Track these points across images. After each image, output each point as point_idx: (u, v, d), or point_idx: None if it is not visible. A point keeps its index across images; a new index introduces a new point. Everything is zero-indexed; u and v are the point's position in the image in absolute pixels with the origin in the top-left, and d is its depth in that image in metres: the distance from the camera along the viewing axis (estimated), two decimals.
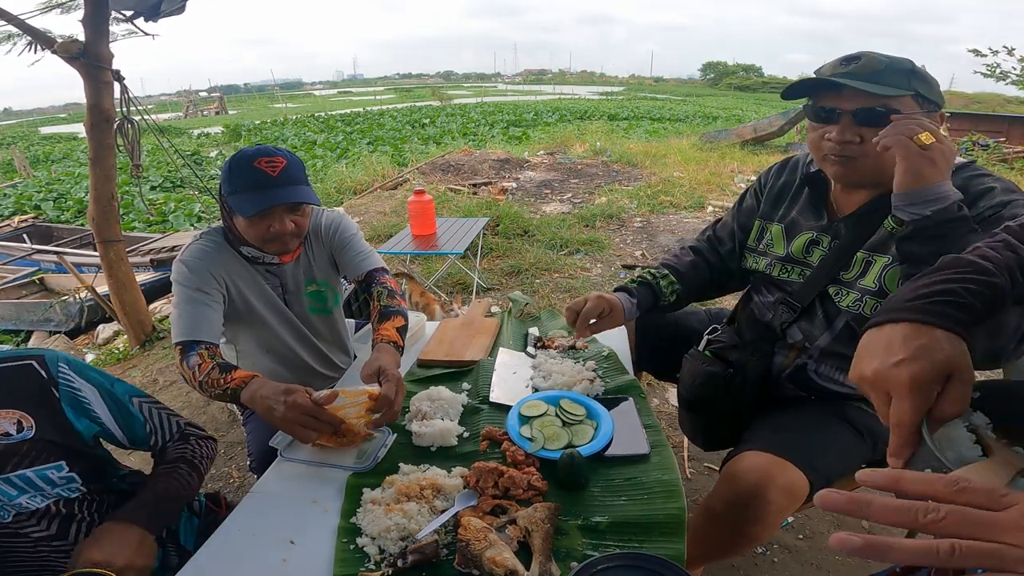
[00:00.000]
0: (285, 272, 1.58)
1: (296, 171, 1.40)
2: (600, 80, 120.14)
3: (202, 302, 1.39)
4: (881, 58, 1.10)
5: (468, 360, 1.51)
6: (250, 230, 1.41)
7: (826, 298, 1.27)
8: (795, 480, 1.09)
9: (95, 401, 1.08)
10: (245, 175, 1.36)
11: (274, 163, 1.36)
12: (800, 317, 1.32)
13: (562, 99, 37.97)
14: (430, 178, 7.89)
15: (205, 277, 1.42)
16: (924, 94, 1.10)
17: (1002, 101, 20.67)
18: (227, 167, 1.39)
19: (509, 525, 0.94)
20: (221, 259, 1.47)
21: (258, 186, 1.35)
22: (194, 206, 8.60)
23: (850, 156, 1.14)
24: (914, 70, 1.09)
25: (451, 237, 3.82)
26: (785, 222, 1.36)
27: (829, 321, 1.28)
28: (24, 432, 0.98)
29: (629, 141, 11.71)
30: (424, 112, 26.28)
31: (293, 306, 1.61)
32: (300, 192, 1.39)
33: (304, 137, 17.65)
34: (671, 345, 1.57)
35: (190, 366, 1.28)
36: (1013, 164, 8.21)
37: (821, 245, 1.28)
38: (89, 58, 2.99)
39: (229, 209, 1.43)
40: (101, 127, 3.13)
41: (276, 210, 1.38)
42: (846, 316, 1.24)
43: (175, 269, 1.44)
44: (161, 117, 29.92)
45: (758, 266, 1.40)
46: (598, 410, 1.24)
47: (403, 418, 1.29)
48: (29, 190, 10.90)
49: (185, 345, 1.33)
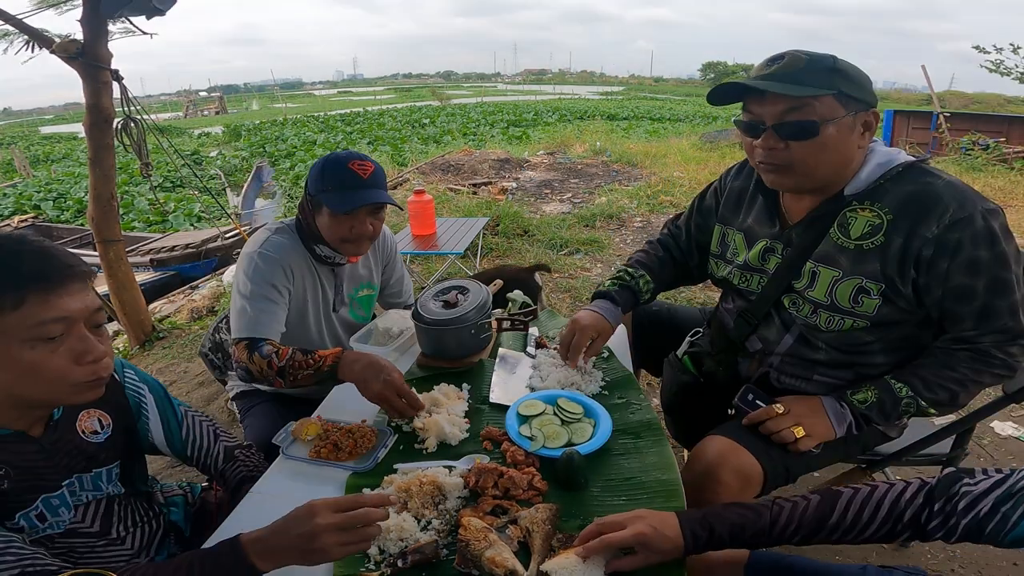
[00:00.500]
0: (344, 271, 1.66)
1: (382, 177, 1.50)
2: (600, 80, 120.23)
3: (271, 299, 1.45)
4: (803, 56, 1.07)
5: (468, 360, 1.51)
6: (333, 228, 1.47)
7: (781, 307, 1.27)
8: (747, 464, 1.14)
9: (151, 407, 1.14)
10: (339, 174, 1.44)
11: (365, 167, 1.45)
12: (759, 327, 1.33)
13: (562, 99, 37.97)
14: (430, 178, 7.89)
15: (278, 273, 1.48)
16: (848, 92, 1.06)
17: (1002, 101, 20.69)
18: (320, 166, 1.47)
19: (510, 525, 0.94)
20: (294, 254, 1.53)
21: (350, 186, 1.44)
22: (194, 206, 8.59)
23: (780, 164, 1.13)
24: (835, 67, 1.07)
25: (451, 237, 3.82)
26: (744, 229, 1.35)
27: (786, 329, 1.28)
28: (105, 431, 1.04)
29: (629, 141, 11.72)
30: (424, 112, 26.29)
31: (339, 308, 1.68)
32: (385, 195, 1.48)
33: (304, 137, 17.65)
34: (666, 343, 1.57)
35: (264, 355, 1.35)
36: (1013, 164, 8.21)
37: (776, 253, 1.27)
38: (88, 58, 2.98)
39: (312, 207, 1.50)
40: (100, 127, 3.12)
41: (361, 211, 1.45)
42: (799, 325, 1.25)
43: (246, 260, 1.48)
44: (161, 117, 29.95)
45: (723, 273, 1.39)
46: (596, 408, 1.24)
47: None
48: (29, 190, 10.90)
49: (251, 341, 1.40)
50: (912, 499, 0.80)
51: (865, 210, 1.13)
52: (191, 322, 3.94)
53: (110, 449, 1.03)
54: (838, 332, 1.19)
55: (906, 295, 1.11)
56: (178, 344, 3.57)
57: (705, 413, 1.38)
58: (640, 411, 1.26)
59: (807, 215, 1.21)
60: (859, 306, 1.14)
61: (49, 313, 0.80)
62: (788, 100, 1.07)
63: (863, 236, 1.12)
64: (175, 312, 4.08)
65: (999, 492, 0.74)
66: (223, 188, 8.92)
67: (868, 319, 1.15)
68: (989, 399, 1.34)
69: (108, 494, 1.04)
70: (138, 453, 1.13)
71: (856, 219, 1.13)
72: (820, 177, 1.14)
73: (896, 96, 50.32)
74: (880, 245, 1.10)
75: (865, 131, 1.11)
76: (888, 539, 0.83)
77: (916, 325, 1.17)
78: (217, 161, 13.59)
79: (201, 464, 1.22)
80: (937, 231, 1.05)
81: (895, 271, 1.10)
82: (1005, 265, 1.05)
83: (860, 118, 1.09)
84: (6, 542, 0.80)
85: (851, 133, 1.09)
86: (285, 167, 12.04)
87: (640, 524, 0.86)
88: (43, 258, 0.82)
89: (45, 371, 0.82)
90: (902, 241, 1.08)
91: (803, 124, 1.07)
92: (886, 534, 0.82)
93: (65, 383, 0.84)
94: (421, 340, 1.52)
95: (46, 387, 0.84)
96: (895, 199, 1.10)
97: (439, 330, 1.46)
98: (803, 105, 1.06)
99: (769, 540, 0.86)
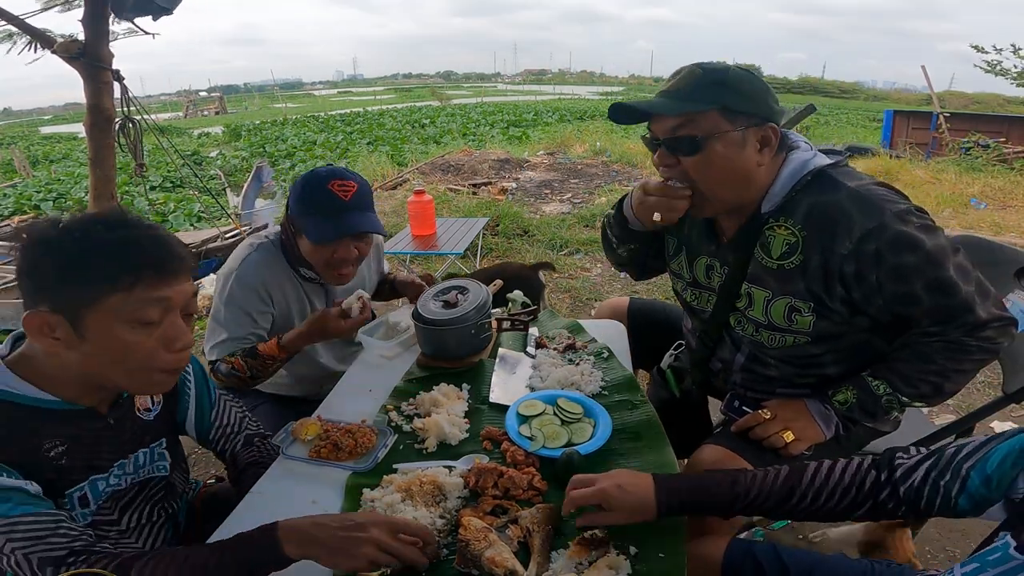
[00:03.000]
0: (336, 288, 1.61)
1: (366, 197, 1.43)
2: (600, 80, 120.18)
3: (246, 327, 1.43)
4: (697, 71, 1.07)
5: (468, 360, 1.51)
6: (315, 254, 1.43)
7: (729, 327, 1.27)
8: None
9: (192, 386, 1.16)
10: (317, 197, 1.37)
11: (346, 187, 1.38)
12: (716, 347, 1.33)
13: (562, 99, 37.96)
14: (430, 178, 7.89)
15: (252, 299, 1.44)
16: (732, 106, 1.05)
17: (1002, 101, 20.69)
18: (299, 186, 1.41)
19: (510, 525, 0.94)
20: (275, 276, 1.48)
21: (330, 211, 1.37)
22: (194, 206, 8.58)
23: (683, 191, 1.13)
24: (723, 80, 1.05)
25: (451, 237, 3.82)
26: (687, 243, 1.33)
27: (736, 348, 1.28)
28: (155, 408, 1.07)
29: (629, 141, 11.69)
30: (424, 112, 26.27)
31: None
32: (368, 221, 1.42)
33: (304, 137, 17.62)
34: (662, 343, 1.57)
35: (225, 373, 1.38)
36: (1013, 164, 8.20)
37: (716, 270, 1.26)
38: (89, 58, 2.98)
39: (295, 229, 1.44)
40: (101, 127, 3.12)
41: (344, 237, 1.40)
42: (749, 345, 1.25)
43: (222, 281, 1.44)
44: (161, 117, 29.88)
45: (678, 287, 1.39)
46: (596, 408, 1.24)
47: (404, 417, 1.29)
48: (29, 190, 10.88)
49: (213, 363, 1.41)
50: (868, 470, 0.88)
51: (781, 227, 1.11)
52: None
53: (159, 426, 1.07)
54: (783, 348, 1.19)
55: (837, 310, 1.10)
56: None
57: (689, 427, 1.39)
58: (640, 411, 1.26)
59: (735, 233, 1.20)
60: (794, 324, 1.14)
61: (155, 298, 0.84)
62: (675, 117, 1.07)
63: (783, 256, 1.11)
64: None
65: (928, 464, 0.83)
66: (223, 188, 8.90)
67: (807, 335, 1.14)
68: (988, 399, 1.34)
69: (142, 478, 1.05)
70: (178, 434, 1.16)
71: (775, 237, 1.12)
72: (724, 197, 1.13)
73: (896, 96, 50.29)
74: (800, 264, 1.09)
75: (763, 147, 1.09)
76: (854, 509, 0.87)
77: (864, 331, 1.16)
78: (217, 161, 13.57)
79: (219, 448, 1.24)
80: (852, 246, 1.02)
81: (820, 289, 1.08)
82: (937, 263, 1.01)
83: (753, 133, 1.07)
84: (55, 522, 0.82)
85: (742, 149, 1.07)
86: (285, 167, 12.02)
87: (606, 482, 0.92)
88: (162, 246, 0.86)
89: (137, 352, 0.85)
90: (820, 259, 1.06)
91: (687, 139, 1.07)
92: (850, 503, 0.87)
93: (151, 367, 0.88)
94: (421, 340, 1.52)
95: (132, 368, 0.87)
96: (805, 214, 1.08)
97: (439, 330, 1.46)
98: (688, 121, 1.06)
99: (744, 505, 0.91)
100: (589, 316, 3.63)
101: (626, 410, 1.27)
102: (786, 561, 0.94)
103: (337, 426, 1.23)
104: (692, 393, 1.42)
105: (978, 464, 0.77)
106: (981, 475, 0.76)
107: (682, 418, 1.40)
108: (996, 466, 0.75)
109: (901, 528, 1.14)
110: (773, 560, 0.95)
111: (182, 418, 1.16)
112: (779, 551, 0.96)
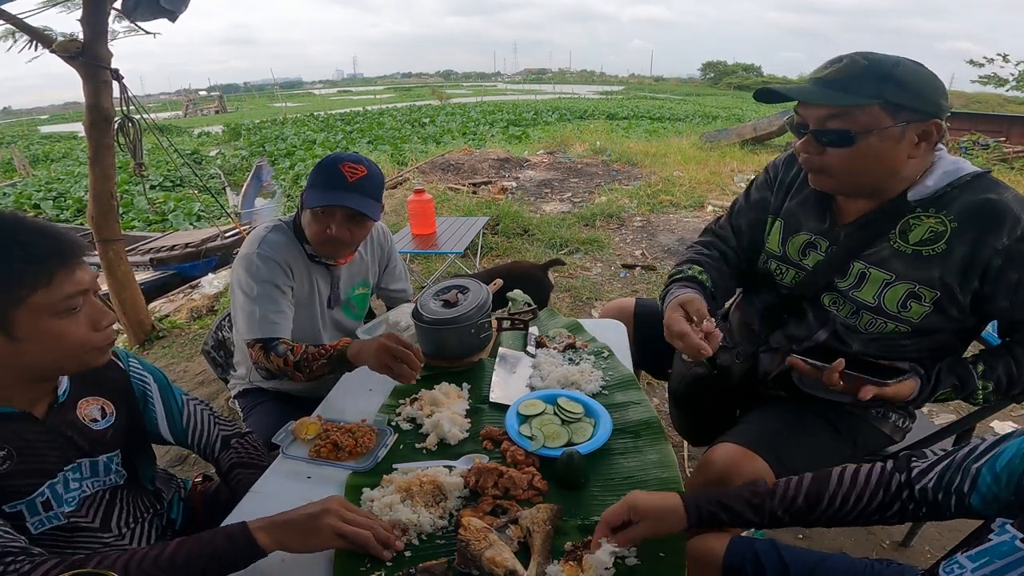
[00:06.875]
0: (340, 270, 1.65)
1: (373, 185, 1.46)
2: (600, 79, 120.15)
3: (276, 299, 1.46)
4: (861, 62, 1.04)
5: (468, 360, 1.51)
6: (311, 225, 1.47)
7: (818, 304, 1.24)
8: (760, 471, 1.13)
9: (155, 395, 1.16)
10: (326, 173, 1.43)
11: (355, 170, 1.43)
12: (787, 322, 1.31)
13: (562, 98, 37.96)
14: (430, 177, 7.88)
15: (278, 272, 1.48)
16: (896, 101, 1.02)
17: (1002, 101, 20.67)
18: (316, 165, 1.47)
19: (510, 525, 0.94)
20: (290, 252, 1.53)
21: (332, 185, 1.42)
22: (193, 205, 8.58)
23: (818, 168, 1.13)
24: (890, 74, 1.02)
25: (451, 236, 3.81)
26: (785, 216, 1.31)
27: (820, 325, 1.26)
28: (107, 419, 1.05)
29: (629, 140, 11.70)
30: (424, 111, 26.27)
31: (333, 305, 1.68)
32: (365, 203, 1.43)
33: (304, 136, 17.62)
34: (665, 344, 1.56)
35: (280, 354, 1.39)
36: (1013, 164, 8.21)
37: (818, 249, 1.24)
38: (88, 57, 2.98)
39: (302, 202, 1.49)
40: (100, 126, 3.11)
41: (338, 213, 1.43)
42: (835, 323, 1.23)
43: (245, 261, 1.47)
44: (161, 116, 29.89)
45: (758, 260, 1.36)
46: (596, 408, 1.23)
47: (402, 417, 1.29)
48: (28, 189, 10.88)
49: (265, 342, 1.42)
50: (892, 472, 0.88)
51: (929, 217, 1.11)
52: (191, 321, 3.94)
53: (112, 437, 1.05)
54: (876, 335, 1.18)
55: (962, 303, 1.10)
56: (178, 343, 3.57)
57: (714, 408, 1.37)
58: (640, 411, 1.26)
59: (861, 216, 1.19)
60: (906, 311, 1.13)
61: (73, 286, 0.87)
62: (829, 108, 1.06)
63: (923, 242, 1.11)
64: (175, 311, 4.07)
65: (942, 466, 0.83)
66: (223, 187, 8.91)
67: (911, 325, 1.14)
68: None
69: (111, 484, 1.05)
70: (143, 443, 1.15)
71: (918, 225, 1.12)
72: (861, 184, 1.12)
73: None
74: (941, 252, 1.09)
75: (921, 141, 1.07)
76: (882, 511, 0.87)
77: (954, 333, 1.17)
78: (217, 160, 13.57)
79: (202, 450, 1.24)
80: (1008, 242, 1.04)
81: (956, 279, 1.08)
82: None
83: (913, 128, 1.05)
84: None
85: (898, 143, 1.06)
86: (285, 166, 12.02)
87: (629, 494, 0.91)
88: (55, 236, 0.88)
89: (69, 338, 0.88)
90: (967, 250, 1.06)
91: (840, 133, 1.06)
92: (878, 506, 0.87)
93: (85, 348, 0.91)
94: (421, 339, 1.52)
95: (68, 353, 0.90)
96: (962, 208, 1.08)
97: (439, 329, 1.46)
98: (844, 113, 1.05)
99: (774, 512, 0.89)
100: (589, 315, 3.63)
101: (626, 410, 1.27)
102: (787, 559, 0.94)
103: (337, 426, 1.23)
104: (731, 370, 1.36)
105: (988, 462, 0.78)
106: (991, 473, 0.77)
107: (714, 397, 1.37)
108: (1006, 463, 0.75)
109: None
110: (774, 558, 0.95)
111: (153, 427, 1.16)
112: (780, 549, 0.96)
